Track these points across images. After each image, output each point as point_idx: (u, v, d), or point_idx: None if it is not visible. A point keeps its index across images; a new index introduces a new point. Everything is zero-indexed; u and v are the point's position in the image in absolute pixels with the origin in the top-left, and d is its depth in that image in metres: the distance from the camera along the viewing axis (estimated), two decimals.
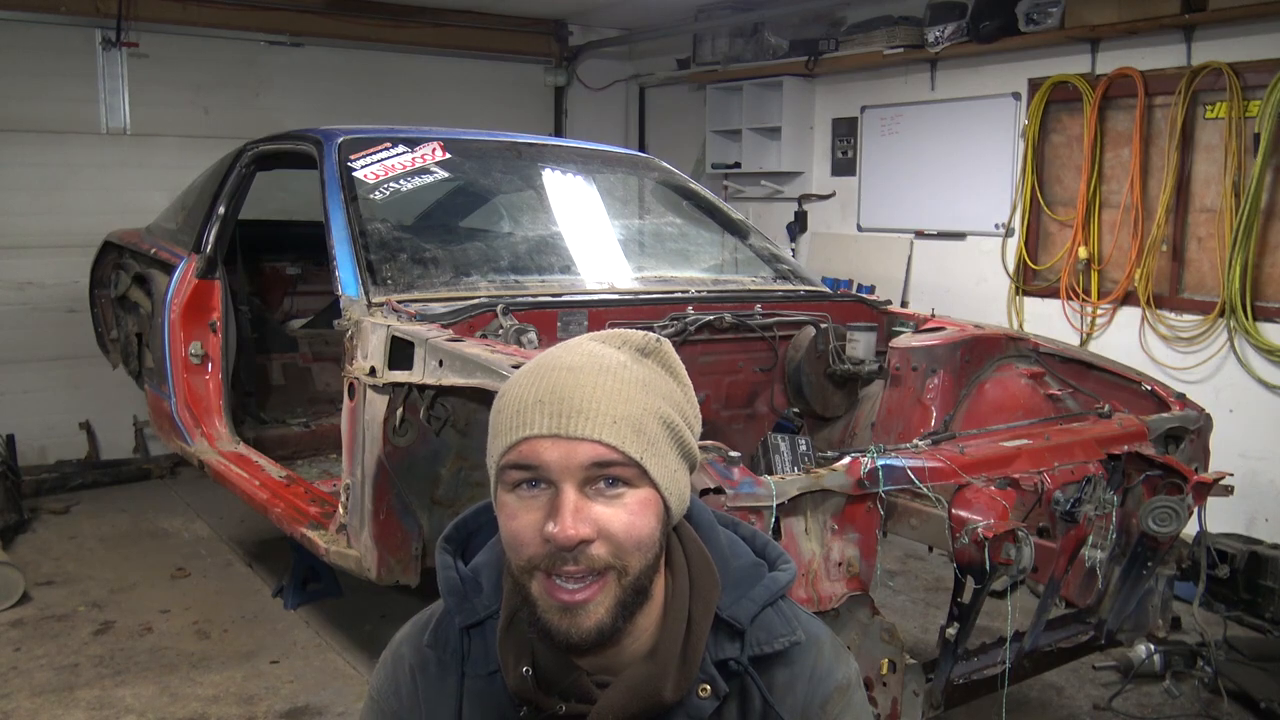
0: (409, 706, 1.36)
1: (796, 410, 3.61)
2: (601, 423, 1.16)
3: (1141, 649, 3.71)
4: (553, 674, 1.25)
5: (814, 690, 1.31)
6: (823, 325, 3.61)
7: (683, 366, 1.30)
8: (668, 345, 1.29)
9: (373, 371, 3.00)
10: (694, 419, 1.28)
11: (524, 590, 1.20)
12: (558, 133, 7.97)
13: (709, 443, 2.23)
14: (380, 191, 3.64)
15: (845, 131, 6.69)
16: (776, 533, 2.20)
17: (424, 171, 3.78)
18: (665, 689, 1.22)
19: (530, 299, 3.33)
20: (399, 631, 1.43)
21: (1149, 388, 3.27)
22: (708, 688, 1.25)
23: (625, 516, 1.17)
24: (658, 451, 1.20)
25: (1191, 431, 3.10)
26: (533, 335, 2.96)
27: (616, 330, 1.31)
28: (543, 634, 1.20)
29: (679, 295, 3.58)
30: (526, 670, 1.25)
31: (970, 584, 2.43)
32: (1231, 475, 2.92)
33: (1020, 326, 5.58)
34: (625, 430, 1.17)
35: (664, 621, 1.26)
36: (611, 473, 1.17)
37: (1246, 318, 4.66)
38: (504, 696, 1.28)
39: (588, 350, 1.23)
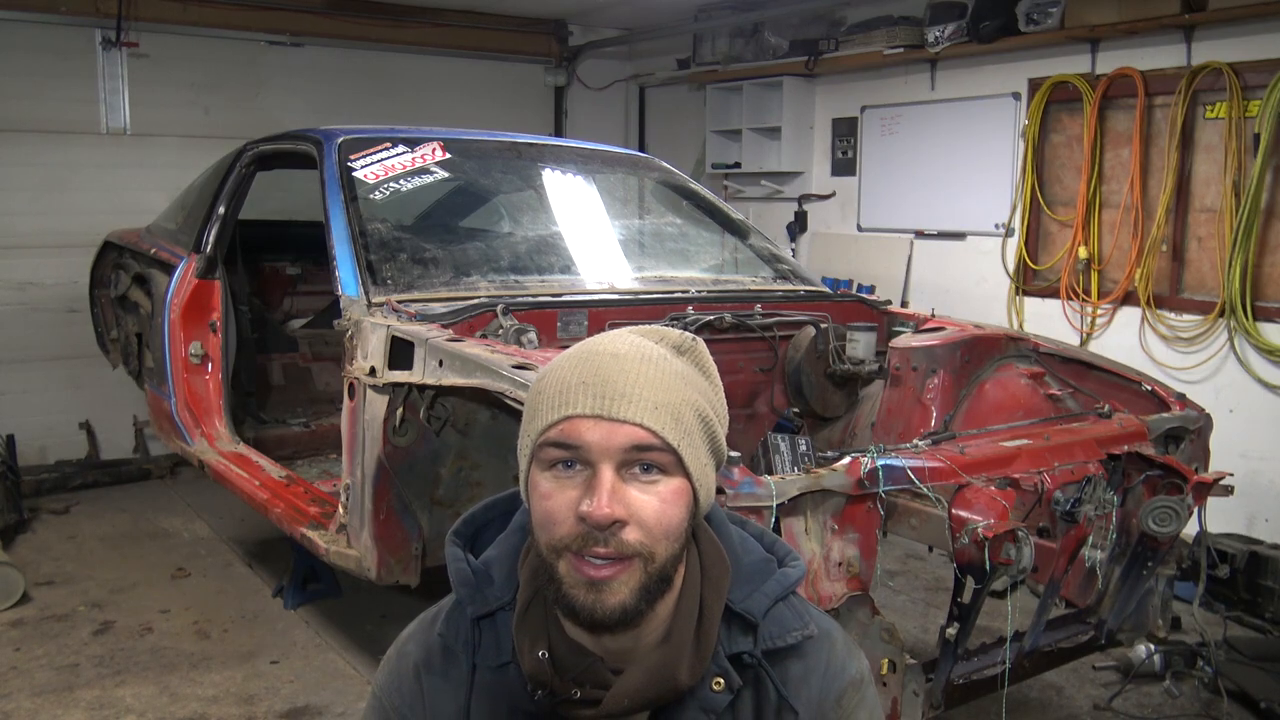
0: (410, 704, 1.36)
1: (796, 410, 3.60)
2: (643, 407, 1.19)
3: (1141, 649, 3.71)
4: (568, 660, 1.26)
5: (829, 684, 1.33)
6: (823, 325, 3.61)
7: (715, 367, 1.33)
8: (702, 345, 1.32)
9: (373, 371, 3.00)
10: (724, 418, 1.31)
11: (551, 569, 1.21)
12: (558, 133, 7.96)
13: None
14: (380, 191, 3.64)
15: (845, 131, 6.69)
16: (776, 533, 2.20)
17: (424, 171, 3.78)
18: (680, 673, 1.24)
19: (530, 299, 3.33)
20: (404, 631, 1.43)
21: (1149, 388, 3.27)
22: (721, 681, 1.27)
23: (657, 504, 1.20)
24: (693, 443, 1.22)
25: (1191, 431, 3.10)
26: (533, 335, 2.96)
27: (653, 327, 1.33)
28: (568, 610, 1.21)
29: (679, 295, 3.58)
30: (543, 654, 1.25)
31: (970, 584, 2.43)
32: (1231, 475, 2.92)
33: (1020, 326, 5.58)
34: (665, 417, 1.20)
35: (677, 607, 1.27)
36: (649, 458, 1.19)
37: (1246, 318, 4.66)
38: (516, 687, 1.29)
39: (629, 340, 1.26)
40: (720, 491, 2.13)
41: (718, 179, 7.36)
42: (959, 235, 6.04)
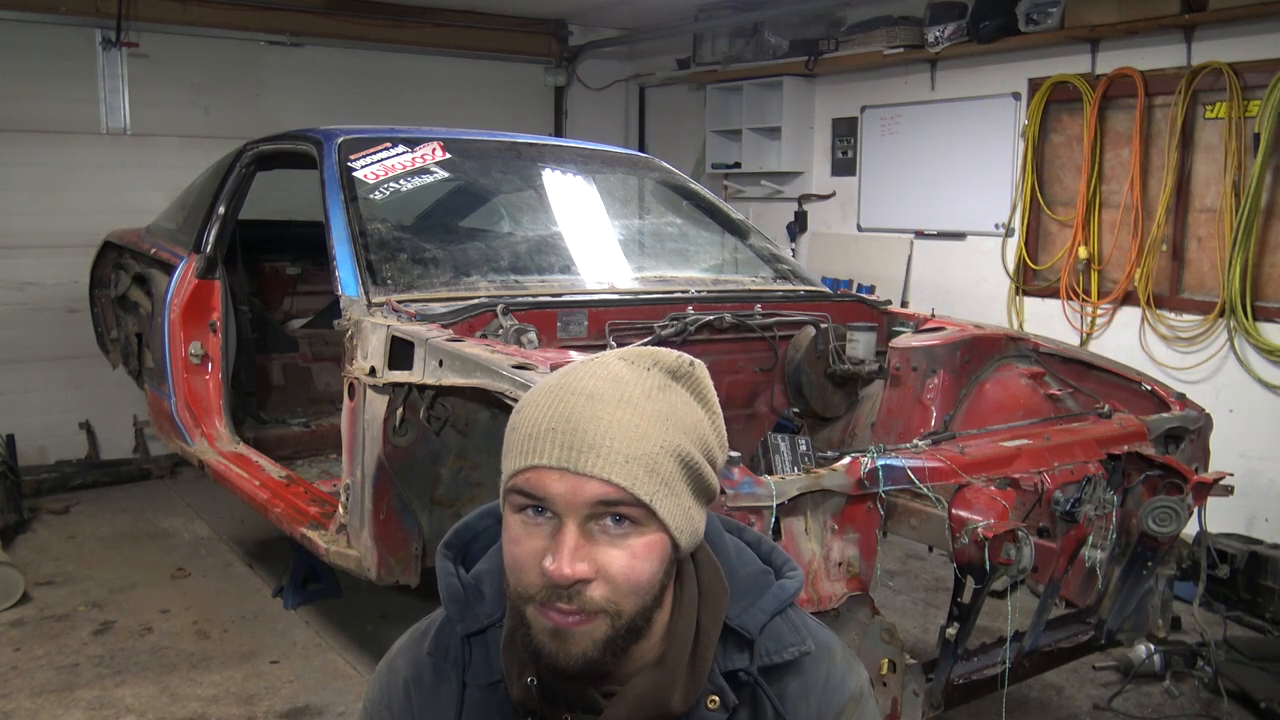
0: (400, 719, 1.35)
1: (796, 410, 3.61)
2: (613, 461, 1.11)
3: (1141, 649, 3.71)
4: (557, 684, 1.23)
5: (828, 700, 1.29)
6: (823, 325, 3.61)
7: (714, 392, 1.24)
8: (700, 369, 1.24)
9: (373, 371, 3.00)
10: (718, 449, 1.23)
11: (519, 613, 1.18)
12: (558, 133, 7.96)
13: None
14: (380, 191, 3.64)
15: (845, 131, 6.69)
16: (776, 533, 2.20)
17: (424, 171, 3.78)
18: (673, 699, 1.20)
19: (530, 299, 3.33)
20: (396, 643, 1.41)
21: (1149, 388, 3.27)
22: (716, 699, 1.23)
23: (626, 560, 1.14)
24: (671, 491, 1.15)
25: (1191, 431, 3.10)
26: (533, 335, 2.96)
27: (649, 349, 1.24)
28: (533, 655, 1.18)
29: (679, 295, 3.58)
30: (531, 680, 1.23)
31: (970, 584, 2.43)
32: (1231, 475, 2.92)
33: (1020, 326, 5.58)
34: (637, 470, 1.12)
35: (672, 630, 1.23)
36: (618, 511, 1.13)
37: (1246, 318, 4.66)
38: (506, 706, 1.26)
39: (612, 374, 1.18)
40: (720, 492, 2.12)
41: (718, 179, 7.36)
42: (959, 235, 6.04)
